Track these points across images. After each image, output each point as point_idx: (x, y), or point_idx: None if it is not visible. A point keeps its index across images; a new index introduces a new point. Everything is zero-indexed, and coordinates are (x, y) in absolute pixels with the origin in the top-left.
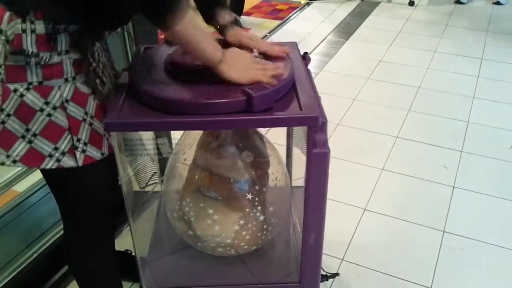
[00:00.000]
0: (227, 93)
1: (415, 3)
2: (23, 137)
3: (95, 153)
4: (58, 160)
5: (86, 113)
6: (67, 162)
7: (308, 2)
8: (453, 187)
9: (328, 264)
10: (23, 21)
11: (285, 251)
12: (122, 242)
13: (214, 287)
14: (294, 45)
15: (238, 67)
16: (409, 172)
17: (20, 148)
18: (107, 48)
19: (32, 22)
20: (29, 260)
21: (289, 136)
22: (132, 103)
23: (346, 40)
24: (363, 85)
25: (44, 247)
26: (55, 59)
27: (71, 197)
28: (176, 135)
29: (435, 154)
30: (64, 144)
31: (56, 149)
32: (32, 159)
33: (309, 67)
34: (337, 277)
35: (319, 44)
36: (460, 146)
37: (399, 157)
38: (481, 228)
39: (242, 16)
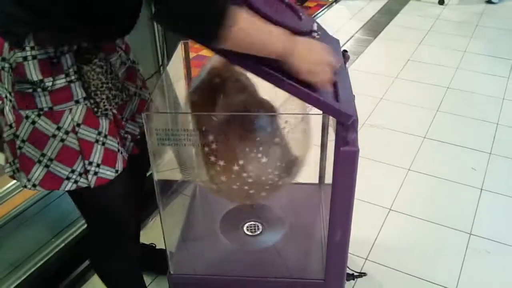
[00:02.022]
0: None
1: (445, 2)
2: (39, 161)
3: (108, 173)
4: (76, 182)
5: (99, 133)
6: (84, 183)
7: (336, 0)
8: (481, 189)
9: (352, 263)
10: (23, 49)
11: (312, 248)
12: (148, 235)
13: (238, 278)
14: (337, 42)
15: (309, 60)
16: (436, 173)
17: (38, 172)
18: (110, 70)
19: (32, 48)
20: (56, 250)
21: (323, 132)
22: None
23: (374, 38)
24: (390, 84)
25: (72, 237)
26: (62, 82)
27: (90, 211)
28: None
29: (463, 156)
30: (79, 166)
31: (73, 171)
32: (50, 182)
33: None
34: (360, 276)
35: (346, 42)
36: (489, 148)
37: (426, 158)
38: (508, 231)
39: None
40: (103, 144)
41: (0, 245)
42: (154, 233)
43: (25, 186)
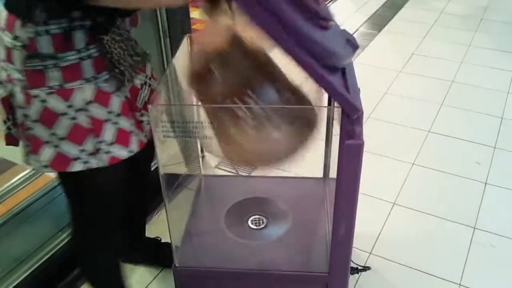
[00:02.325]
0: None
1: None
2: (49, 142)
3: (121, 152)
4: (85, 162)
5: (110, 112)
6: (94, 163)
7: None
8: (485, 183)
9: (356, 257)
10: (36, 24)
11: (316, 241)
12: (153, 229)
13: (243, 270)
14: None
15: None
16: (441, 167)
17: (48, 153)
18: (127, 36)
19: (45, 23)
20: (61, 245)
21: (328, 126)
22: None
23: (379, 32)
24: (395, 78)
25: None
26: (73, 59)
27: (82, 195)
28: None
29: (467, 150)
30: (89, 145)
31: (82, 151)
32: (60, 163)
33: None
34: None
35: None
36: (494, 142)
37: (430, 152)
38: None
39: None
40: (115, 123)
41: (4, 240)
42: (160, 226)
43: (34, 168)
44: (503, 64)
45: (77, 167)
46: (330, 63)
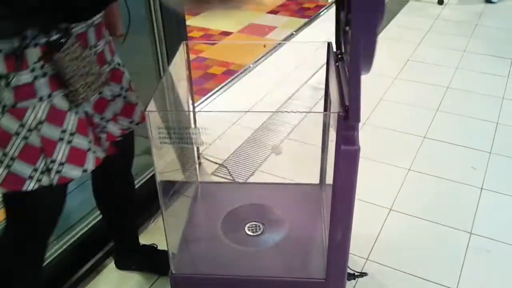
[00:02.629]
0: None
1: (445, 2)
2: (1, 161)
3: (73, 172)
4: (38, 180)
5: (64, 131)
6: (45, 181)
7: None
8: (481, 188)
9: (352, 263)
10: None
11: (313, 247)
12: (149, 236)
13: (240, 277)
14: (330, 44)
15: None
16: (436, 173)
17: (0, 173)
18: (82, 54)
19: None
20: (59, 252)
21: (324, 132)
22: None
23: None
24: (390, 84)
25: (74, 238)
26: (27, 78)
27: (18, 208)
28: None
29: (463, 155)
30: (42, 164)
31: (35, 170)
32: (12, 182)
33: None
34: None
35: None
36: (489, 147)
37: (426, 158)
38: (509, 230)
39: (267, 14)
40: (69, 142)
41: None
42: (156, 234)
43: None
44: (498, 70)
45: (31, 186)
46: None
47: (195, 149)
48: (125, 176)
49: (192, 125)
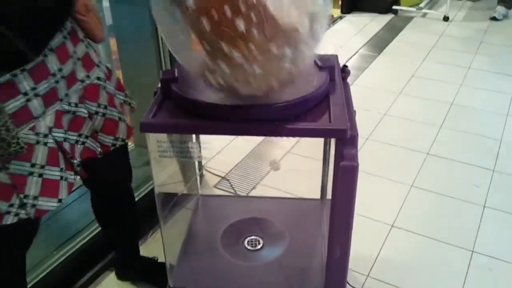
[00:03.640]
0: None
1: (450, 19)
2: None
3: (48, 204)
4: (17, 214)
5: (33, 165)
6: (23, 214)
7: (341, 16)
8: (484, 206)
9: (353, 279)
10: None
11: (313, 263)
12: (150, 249)
13: None
14: (335, 57)
15: None
16: (439, 190)
17: None
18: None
19: None
20: (59, 262)
21: (326, 148)
22: (168, 106)
23: (379, 54)
24: (394, 99)
25: (74, 248)
26: None
27: None
28: (205, 138)
29: (466, 172)
30: (16, 200)
31: (11, 205)
32: None
33: None
34: None
35: (351, 57)
36: (492, 165)
37: (429, 174)
38: (511, 249)
39: None
40: (40, 175)
41: None
42: (156, 246)
43: None
44: (502, 87)
45: (9, 220)
46: None
47: (196, 162)
48: (123, 190)
49: (194, 139)
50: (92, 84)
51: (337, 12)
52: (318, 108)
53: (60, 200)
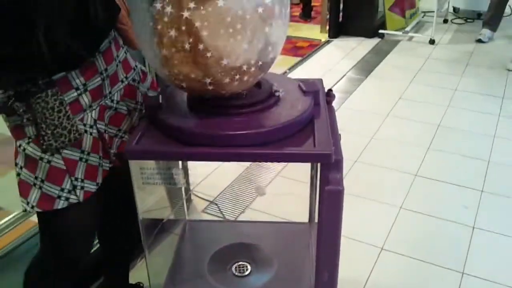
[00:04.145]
0: (243, 126)
1: (436, 42)
2: (34, 184)
3: (91, 186)
4: (67, 199)
5: (82, 152)
6: (73, 199)
7: (328, 40)
8: (473, 227)
9: None
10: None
11: None
12: (137, 275)
13: None
14: (320, 81)
15: None
16: (428, 211)
17: (34, 194)
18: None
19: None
20: None
21: (312, 172)
22: (152, 132)
23: (366, 77)
24: (382, 122)
25: None
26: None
27: (50, 231)
28: (193, 163)
29: (455, 193)
30: (68, 183)
31: (62, 190)
32: (45, 202)
33: None
34: None
35: (339, 81)
36: (481, 185)
37: (418, 196)
38: (501, 270)
39: None
40: (86, 161)
41: None
42: (144, 271)
43: (25, 210)
44: (489, 108)
45: (61, 204)
46: None
47: (183, 186)
48: (128, 204)
49: (180, 165)
50: (130, 85)
51: (324, 36)
52: (303, 133)
53: (97, 184)
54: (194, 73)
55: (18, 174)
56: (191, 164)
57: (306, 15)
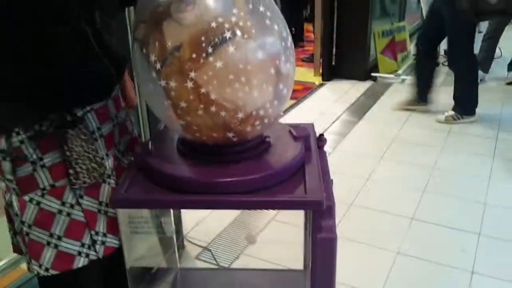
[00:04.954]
0: (233, 173)
1: None
2: (48, 243)
3: (114, 241)
4: (87, 256)
5: (100, 203)
6: (93, 255)
7: (322, 83)
8: (472, 272)
9: None
10: (18, 134)
11: None
12: None
13: None
14: (310, 126)
15: None
16: (426, 256)
17: (48, 255)
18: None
19: (26, 130)
20: None
21: (306, 217)
22: (141, 180)
23: (359, 119)
24: (376, 164)
25: None
26: (58, 157)
27: None
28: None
29: (452, 237)
30: (88, 238)
31: (82, 245)
32: (63, 262)
33: None
34: None
35: (332, 123)
36: (478, 228)
37: (414, 240)
38: None
39: None
40: (105, 213)
41: None
42: None
43: (37, 274)
44: (483, 150)
45: (81, 262)
46: None
47: (174, 233)
48: None
49: (171, 213)
50: (134, 137)
51: (318, 79)
52: (294, 179)
53: (119, 239)
54: (215, 132)
55: (27, 234)
56: (182, 210)
57: (299, 38)
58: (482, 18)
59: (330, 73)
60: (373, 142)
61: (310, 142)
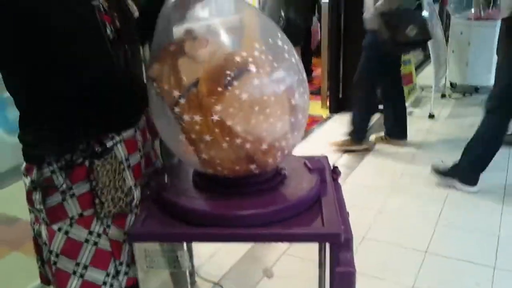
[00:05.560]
0: (250, 206)
1: (435, 116)
2: (74, 272)
3: (136, 272)
4: (111, 286)
5: (125, 233)
6: (116, 286)
7: (330, 116)
8: None
9: None
10: (49, 164)
11: None
12: None
13: None
14: (325, 158)
15: None
16: None
17: (74, 283)
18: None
19: (57, 161)
20: None
21: (321, 251)
22: (157, 213)
23: (368, 152)
24: (387, 196)
25: None
26: (87, 186)
27: None
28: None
29: (467, 271)
30: (112, 268)
31: (108, 275)
32: None
33: None
34: None
35: (341, 156)
36: (493, 261)
37: (429, 274)
38: None
39: None
40: (131, 244)
41: None
42: None
43: None
44: (494, 179)
45: None
46: None
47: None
48: None
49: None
50: (157, 168)
51: (325, 112)
52: (310, 212)
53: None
54: (238, 165)
55: (55, 263)
56: (194, 243)
57: (306, 72)
58: (403, 49)
59: (337, 106)
60: (382, 173)
61: (325, 174)
